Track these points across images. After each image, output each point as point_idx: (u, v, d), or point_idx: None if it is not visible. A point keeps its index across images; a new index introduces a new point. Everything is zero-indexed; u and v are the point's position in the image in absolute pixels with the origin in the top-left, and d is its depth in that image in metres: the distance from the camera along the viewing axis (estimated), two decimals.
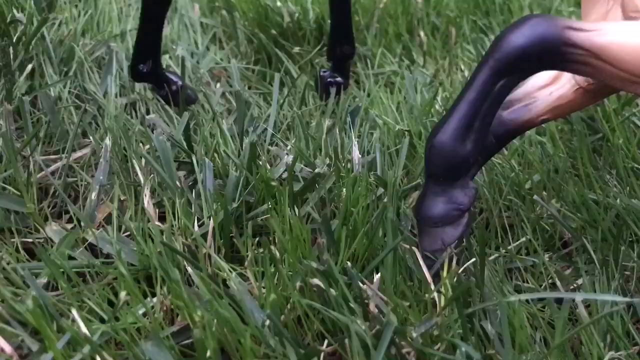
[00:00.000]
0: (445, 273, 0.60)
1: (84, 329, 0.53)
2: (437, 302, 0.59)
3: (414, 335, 0.54)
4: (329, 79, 0.95)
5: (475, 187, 0.63)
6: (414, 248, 0.63)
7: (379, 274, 0.61)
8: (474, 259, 0.63)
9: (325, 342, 0.57)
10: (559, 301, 0.62)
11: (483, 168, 0.76)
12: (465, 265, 0.63)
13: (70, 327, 0.53)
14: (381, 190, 0.73)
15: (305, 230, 0.63)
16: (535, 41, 0.57)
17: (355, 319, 0.54)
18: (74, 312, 0.54)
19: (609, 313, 0.58)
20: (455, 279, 0.60)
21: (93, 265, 0.63)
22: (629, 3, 0.61)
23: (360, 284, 0.58)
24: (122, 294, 0.56)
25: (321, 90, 0.95)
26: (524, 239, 0.71)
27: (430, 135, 0.62)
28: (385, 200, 0.68)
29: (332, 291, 0.56)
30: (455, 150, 0.60)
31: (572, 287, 0.66)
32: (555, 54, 0.57)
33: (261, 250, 0.63)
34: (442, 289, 0.58)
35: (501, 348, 0.56)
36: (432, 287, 0.59)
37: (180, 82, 0.91)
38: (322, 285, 0.57)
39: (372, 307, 0.56)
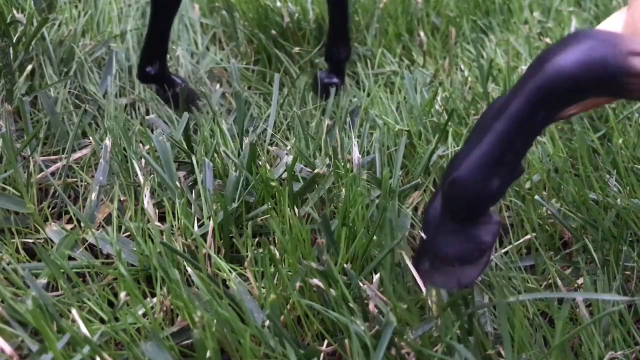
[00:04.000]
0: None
1: (83, 330, 0.53)
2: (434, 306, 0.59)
3: (413, 336, 0.54)
4: (325, 80, 0.98)
5: (498, 220, 0.54)
6: (403, 253, 0.63)
7: (378, 274, 0.61)
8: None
9: (325, 342, 0.57)
10: (560, 301, 0.62)
11: None
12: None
13: (70, 327, 0.53)
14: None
15: (305, 231, 0.63)
16: (591, 69, 0.45)
17: (355, 319, 0.54)
18: (74, 312, 0.54)
19: (609, 313, 0.58)
20: None
21: (93, 266, 0.63)
22: None
23: (360, 284, 0.58)
24: (122, 295, 0.56)
25: (320, 91, 0.98)
26: (524, 239, 0.71)
27: (449, 167, 0.53)
28: (379, 200, 0.68)
29: (332, 291, 0.57)
30: (480, 189, 0.51)
31: (572, 286, 0.66)
32: (614, 84, 0.46)
33: (261, 250, 0.63)
34: (434, 297, 0.58)
35: (501, 348, 0.56)
36: (424, 293, 0.59)
37: (183, 84, 0.92)
38: (321, 285, 0.57)
39: (371, 307, 0.56)
